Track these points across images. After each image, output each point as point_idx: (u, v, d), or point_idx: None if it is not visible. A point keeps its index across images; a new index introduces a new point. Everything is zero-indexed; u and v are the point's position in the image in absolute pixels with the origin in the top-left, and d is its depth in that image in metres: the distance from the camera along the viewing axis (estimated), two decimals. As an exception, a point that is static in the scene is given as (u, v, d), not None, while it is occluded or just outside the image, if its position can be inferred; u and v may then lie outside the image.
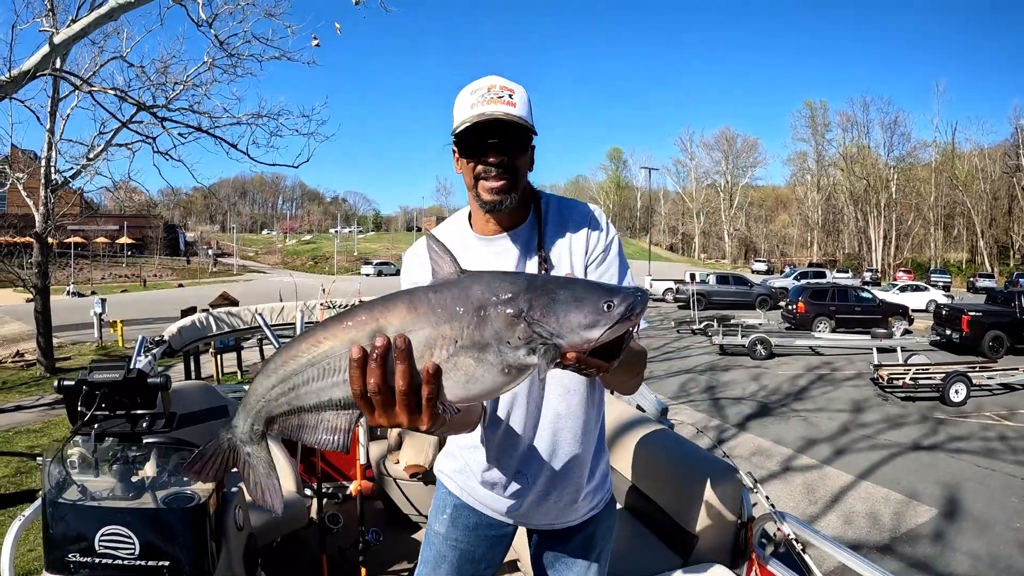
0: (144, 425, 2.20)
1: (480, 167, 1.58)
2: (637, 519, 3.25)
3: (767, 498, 2.62)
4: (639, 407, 3.82)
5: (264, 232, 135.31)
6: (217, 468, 1.21)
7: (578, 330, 1.05)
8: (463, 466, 1.86)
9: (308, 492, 3.76)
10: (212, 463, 1.20)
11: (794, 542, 2.43)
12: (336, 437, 1.11)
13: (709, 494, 2.74)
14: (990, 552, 6.10)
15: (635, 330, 1.21)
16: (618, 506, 3.40)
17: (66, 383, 2.19)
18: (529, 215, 1.74)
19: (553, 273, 1.65)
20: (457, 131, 1.56)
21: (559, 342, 1.05)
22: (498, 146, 1.55)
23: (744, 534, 2.77)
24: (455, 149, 1.63)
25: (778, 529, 2.52)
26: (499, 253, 1.70)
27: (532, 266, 1.68)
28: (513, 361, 1.05)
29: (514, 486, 1.79)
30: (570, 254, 1.70)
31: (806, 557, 2.39)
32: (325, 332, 1.08)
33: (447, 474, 1.92)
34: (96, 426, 2.16)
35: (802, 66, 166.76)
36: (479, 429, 1.75)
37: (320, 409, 1.11)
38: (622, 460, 3.36)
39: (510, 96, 1.55)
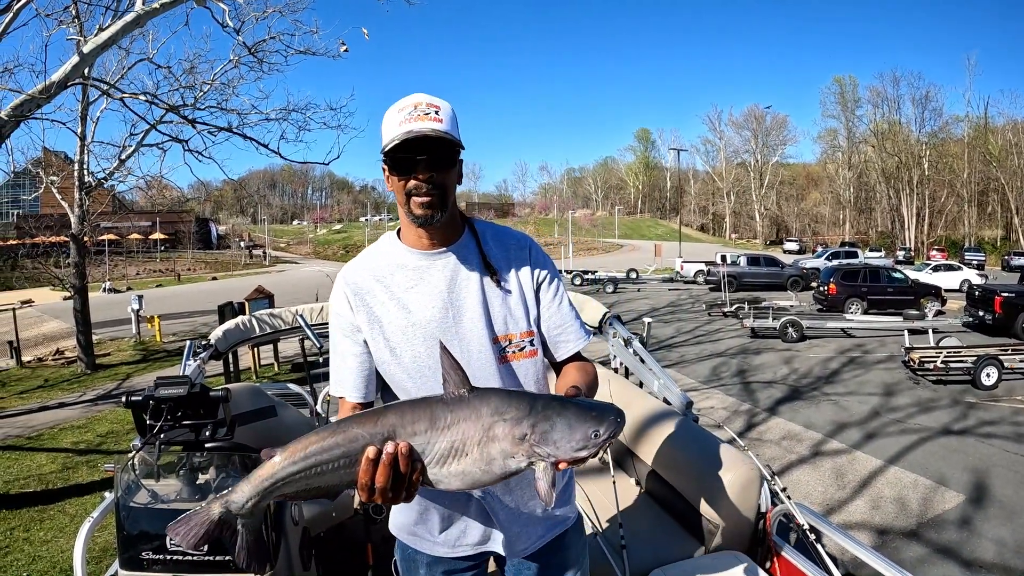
0: (207, 433, 2.39)
1: (411, 183, 1.62)
2: (661, 508, 3.39)
3: (783, 490, 2.76)
4: (665, 400, 3.94)
5: (295, 223, 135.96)
6: (201, 538, 1.33)
7: (570, 451, 1.31)
8: (423, 510, 1.82)
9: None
10: (197, 532, 1.32)
11: (808, 532, 2.57)
12: (330, 498, 1.39)
13: (729, 485, 2.87)
14: (1016, 539, 6.11)
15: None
16: (644, 495, 3.56)
17: (134, 398, 2.38)
18: (463, 233, 1.80)
19: (504, 287, 1.77)
20: (386, 149, 1.60)
21: (553, 460, 1.31)
22: (427, 162, 1.60)
23: (762, 523, 2.91)
24: (385, 167, 1.68)
25: (794, 520, 2.66)
26: (445, 267, 1.74)
27: (487, 280, 1.76)
28: (513, 469, 1.33)
29: (483, 506, 1.79)
30: (518, 272, 1.81)
31: (819, 547, 2.52)
32: (361, 429, 1.31)
33: (406, 531, 1.90)
34: (163, 436, 2.35)
35: (830, 41, 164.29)
36: None
37: (330, 486, 1.34)
38: (648, 451, 3.48)
39: (436, 112, 1.60)
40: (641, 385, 4.40)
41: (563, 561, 1.93)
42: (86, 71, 8.80)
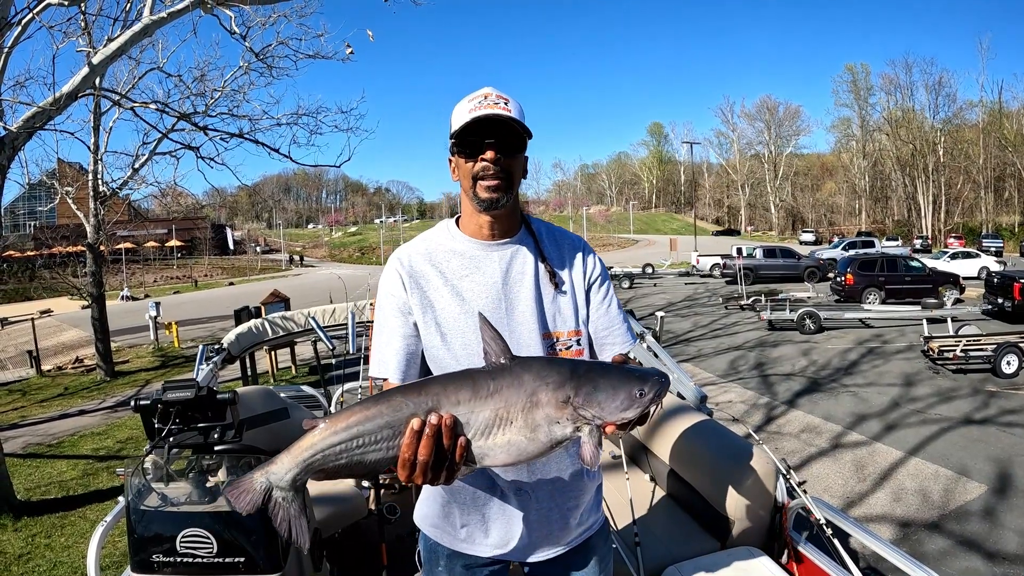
0: (215, 436, 2.40)
1: (478, 166, 1.65)
2: (676, 504, 3.37)
3: (801, 484, 2.73)
4: (679, 395, 3.92)
5: (310, 226, 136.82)
6: (248, 504, 1.31)
7: (616, 412, 1.28)
8: (447, 502, 1.82)
9: (366, 484, 3.95)
10: (244, 498, 1.31)
11: (824, 527, 2.54)
12: (369, 478, 1.35)
13: (745, 480, 2.85)
14: (1040, 528, 6.04)
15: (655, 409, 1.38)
16: (659, 491, 3.54)
17: (142, 402, 2.39)
18: (521, 229, 1.83)
19: (556, 285, 1.79)
20: (456, 131, 1.64)
21: (599, 422, 1.29)
22: (495, 146, 1.63)
23: (779, 519, 2.88)
24: (452, 156, 1.72)
25: (811, 514, 2.63)
26: (501, 259, 1.77)
27: (543, 273, 1.79)
28: (559, 436, 1.30)
29: (510, 506, 1.79)
30: (571, 272, 1.83)
31: (835, 541, 2.49)
32: (405, 399, 1.28)
33: (430, 523, 1.90)
34: (172, 439, 2.36)
35: (840, 29, 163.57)
36: None
37: (373, 462, 1.30)
38: (662, 447, 3.46)
39: (505, 104, 1.64)
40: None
41: (586, 565, 1.92)
42: (97, 82, 8.83)
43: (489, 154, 1.63)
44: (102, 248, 15.10)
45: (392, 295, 1.75)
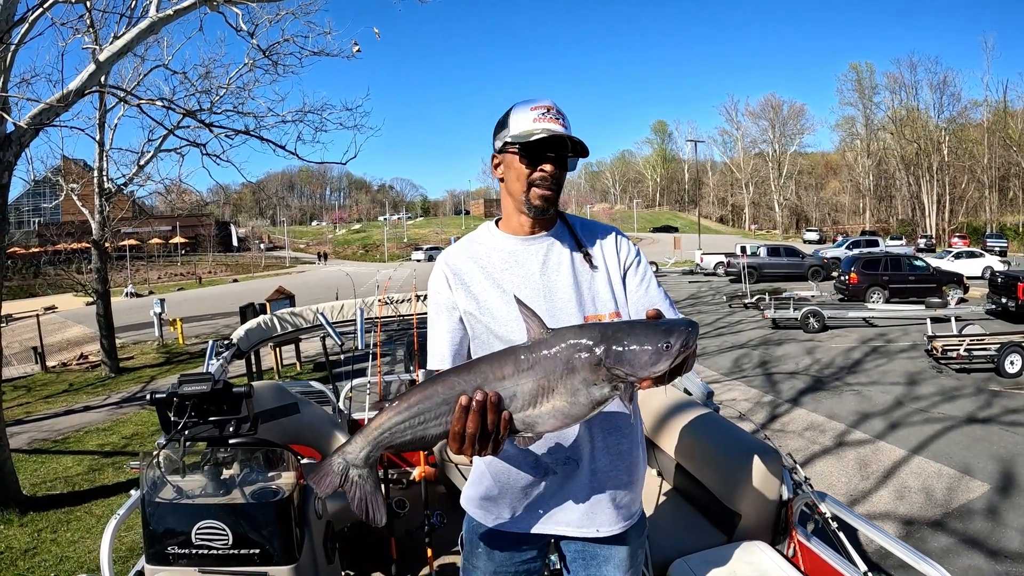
0: (230, 429, 2.42)
1: (536, 175, 1.78)
2: (683, 498, 3.39)
3: (806, 479, 2.75)
4: (686, 391, 3.94)
5: (313, 223, 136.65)
6: (327, 485, 1.46)
7: (647, 367, 1.33)
8: (495, 482, 1.89)
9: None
10: (324, 480, 1.46)
11: (830, 520, 2.56)
12: (428, 449, 1.44)
13: (751, 475, 2.86)
14: (1043, 526, 6.04)
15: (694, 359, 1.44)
16: (666, 486, 3.56)
17: (158, 396, 2.41)
18: (557, 222, 1.94)
19: (593, 270, 1.88)
20: (525, 140, 1.75)
21: (632, 379, 1.35)
22: (554, 160, 1.77)
23: (785, 513, 2.90)
24: (502, 155, 1.85)
25: (816, 508, 2.66)
26: (539, 251, 1.88)
27: (579, 260, 1.88)
28: (599, 397, 1.38)
29: (550, 485, 1.85)
30: (605, 255, 1.92)
31: (841, 535, 2.51)
32: (458, 378, 1.39)
33: (476, 505, 1.97)
34: (187, 432, 2.39)
35: (845, 27, 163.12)
36: None
37: (432, 436, 1.41)
38: (670, 442, 3.48)
39: (564, 119, 1.79)
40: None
41: (620, 556, 1.95)
42: (103, 79, 8.81)
43: (548, 167, 1.78)
44: (107, 245, 15.13)
45: (438, 293, 1.90)
